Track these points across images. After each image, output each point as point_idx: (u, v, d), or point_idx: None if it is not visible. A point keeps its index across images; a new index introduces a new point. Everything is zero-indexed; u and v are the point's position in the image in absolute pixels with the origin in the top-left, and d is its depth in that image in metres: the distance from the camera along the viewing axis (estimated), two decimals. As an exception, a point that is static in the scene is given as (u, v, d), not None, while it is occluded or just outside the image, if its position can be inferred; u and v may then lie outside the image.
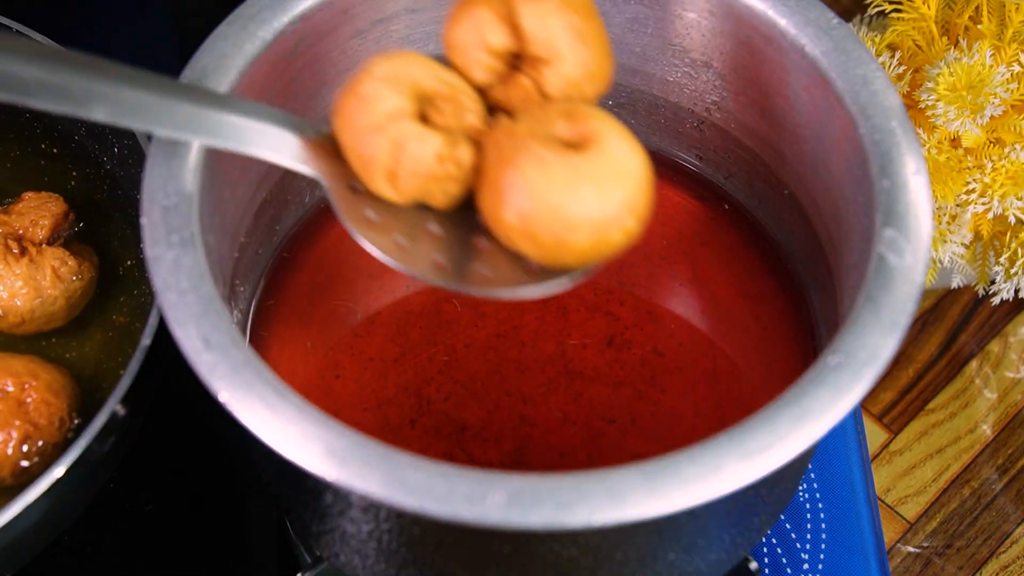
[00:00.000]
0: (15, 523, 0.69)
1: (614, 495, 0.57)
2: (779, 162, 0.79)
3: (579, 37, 0.64)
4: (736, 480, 0.59)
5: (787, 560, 0.87)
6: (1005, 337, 1.13)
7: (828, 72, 0.72)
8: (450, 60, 0.66)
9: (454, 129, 0.63)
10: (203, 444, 0.92)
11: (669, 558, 0.68)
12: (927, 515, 1.04)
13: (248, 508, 0.91)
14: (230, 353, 0.62)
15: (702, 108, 0.82)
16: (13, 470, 0.75)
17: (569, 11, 0.64)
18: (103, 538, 0.87)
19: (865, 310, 0.63)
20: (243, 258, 0.77)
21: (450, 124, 0.63)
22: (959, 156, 1.01)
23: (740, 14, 0.75)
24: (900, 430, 1.08)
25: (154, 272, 0.64)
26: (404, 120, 0.62)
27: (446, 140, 0.63)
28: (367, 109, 0.63)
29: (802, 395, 0.61)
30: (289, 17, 0.74)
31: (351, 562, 0.71)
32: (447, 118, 0.63)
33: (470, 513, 0.57)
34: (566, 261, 0.62)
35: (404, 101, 0.63)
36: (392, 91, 0.62)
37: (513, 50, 0.65)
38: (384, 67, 0.63)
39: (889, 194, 0.67)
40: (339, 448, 0.59)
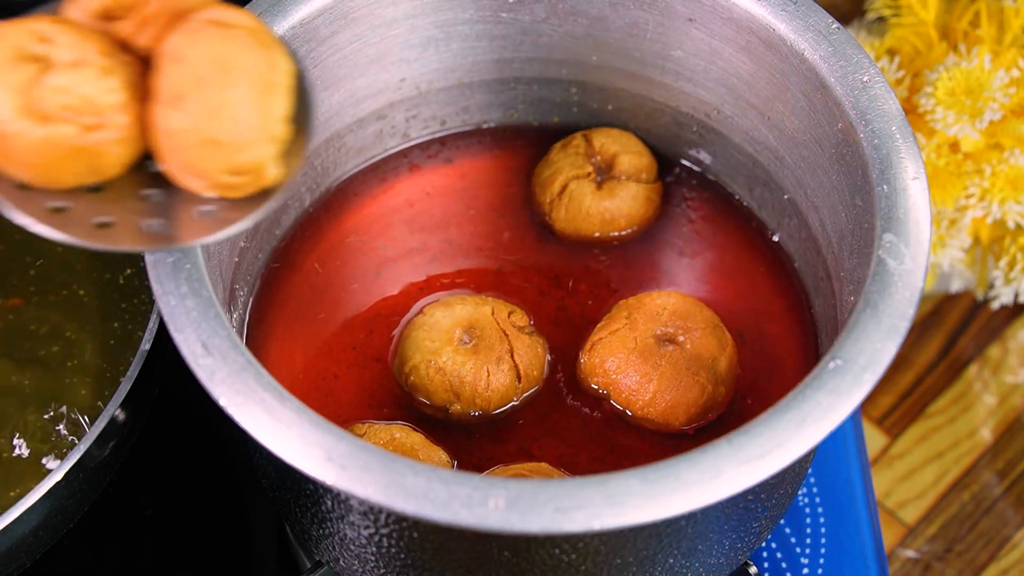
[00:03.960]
0: (15, 526, 0.69)
1: (614, 500, 0.57)
2: (779, 167, 0.79)
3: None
4: (735, 485, 0.59)
5: (787, 565, 0.87)
6: (1004, 342, 1.13)
7: (827, 77, 0.72)
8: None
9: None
10: (202, 448, 0.92)
11: (669, 563, 0.68)
12: (927, 519, 1.03)
13: (248, 513, 0.91)
14: (229, 357, 0.62)
15: (702, 113, 0.82)
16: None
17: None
18: (103, 542, 0.87)
19: (864, 315, 0.63)
20: (242, 262, 0.77)
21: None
22: (958, 161, 1.01)
23: (739, 19, 0.76)
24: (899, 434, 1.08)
25: (153, 277, 0.64)
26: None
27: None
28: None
29: (802, 399, 0.61)
30: (288, 22, 0.74)
31: (351, 567, 0.71)
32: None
33: (469, 518, 0.57)
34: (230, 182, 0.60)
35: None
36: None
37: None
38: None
39: (888, 199, 0.67)
40: (339, 453, 0.59)
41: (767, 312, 0.79)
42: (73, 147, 0.58)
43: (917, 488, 1.05)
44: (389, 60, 0.80)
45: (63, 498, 0.71)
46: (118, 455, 0.75)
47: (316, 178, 0.82)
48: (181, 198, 0.60)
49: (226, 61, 0.57)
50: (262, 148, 0.59)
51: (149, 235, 0.60)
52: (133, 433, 0.75)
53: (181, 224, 0.60)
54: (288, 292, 0.79)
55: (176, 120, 0.57)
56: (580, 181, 0.81)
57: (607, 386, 0.74)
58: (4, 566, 0.72)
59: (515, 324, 0.75)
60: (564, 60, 0.83)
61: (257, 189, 0.61)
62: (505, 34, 0.82)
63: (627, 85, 0.83)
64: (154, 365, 0.75)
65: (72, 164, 0.58)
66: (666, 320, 0.75)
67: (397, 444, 0.70)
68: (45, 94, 0.57)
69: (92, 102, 0.57)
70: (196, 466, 0.91)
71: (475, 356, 0.73)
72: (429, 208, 0.83)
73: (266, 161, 0.59)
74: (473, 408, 0.73)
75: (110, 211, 0.60)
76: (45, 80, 0.57)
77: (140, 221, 0.60)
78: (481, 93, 0.85)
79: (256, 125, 0.58)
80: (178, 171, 0.60)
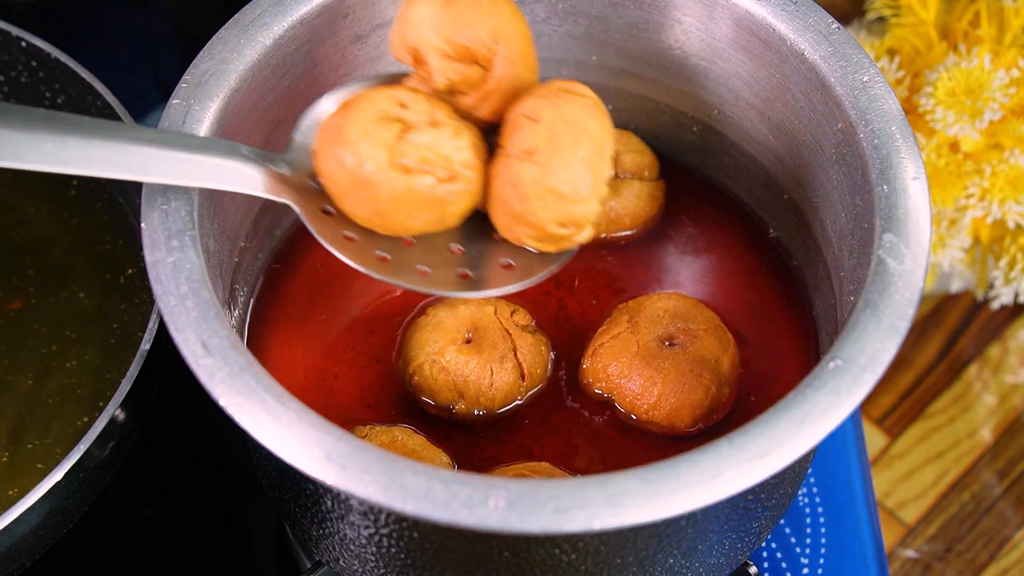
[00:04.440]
0: (15, 527, 0.69)
1: (614, 500, 0.57)
2: (779, 166, 0.79)
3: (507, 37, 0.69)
4: (735, 485, 0.59)
5: (787, 564, 0.87)
6: (1004, 342, 1.13)
7: (827, 77, 0.72)
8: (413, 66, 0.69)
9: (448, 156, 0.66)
10: (202, 449, 0.92)
11: (669, 563, 0.68)
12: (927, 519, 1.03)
13: (248, 513, 0.91)
14: (229, 357, 0.62)
15: (702, 113, 0.82)
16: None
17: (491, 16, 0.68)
18: (103, 542, 0.87)
19: (865, 315, 0.63)
20: (243, 262, 0.77)
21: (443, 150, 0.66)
22: (958, 161, 1.01)
23: (739, 19, 0.76)
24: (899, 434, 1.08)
25: (153, 277, 0.64)
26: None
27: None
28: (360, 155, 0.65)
29: (802, 399, 0.61)
30: (289, 21, 0.74)
31: (350, 567, 0.71)
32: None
33: (470, 517, 0.57)
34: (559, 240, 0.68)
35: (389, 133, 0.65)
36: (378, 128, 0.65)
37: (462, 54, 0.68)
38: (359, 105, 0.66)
39: (888, 199, 0.67)
40: (339, 453, 0.59)
41: (767, 312, 0.79)
42: (429, 197, 0.65)
43: (917, 488, 1.05)
44: (389, 60, 0.80)
45: (63, 498, 0.71)
46: (118, 455, 0.75)
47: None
48: (482, 252, 0.69)
49: (577, 124, 0.65)
50: (591, 205, 0.66)
51: (461, 282, 0.68)
52: (133, 433, 0.76)
53: (486, 274, 0.68)
54: (288, 292, 0.79)
55: (527, 171, 0.65)
56: None
57: (611, 391, 0.74)
58: (4, 566, 0.72)
59: (518, 323, 0.75)
60: (564, 60, 0.83)
61: (570, 245, 0.69)
62: (505, 34, 0.82)
63: (627, 85, 0.83)
64: (154, 365, 0.75)
65: (424, 212, 0.66)
66: (667, 322, 0.75)
67: (398, 446, 0.70)
68: (408, 149, 0.65)
69: (447, 158, 0.65)
70: (196, 466, 0.91)
71: (479, 355, 0.73)
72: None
73: (590, 217, 0.67)
74: (477, 407, 0.73)
75: (427, 261, 0.68)
76: (409, 137, 0.65)
77: (454, 269, 0.68)
78: (481, 93, 0.85)
79: (592, 184, 0.66)
80: (510, 220, 0.67)
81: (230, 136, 0.71)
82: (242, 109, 0.72)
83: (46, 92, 0.88)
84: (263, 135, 0.76)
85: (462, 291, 0.68)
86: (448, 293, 0.68)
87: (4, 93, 0.90)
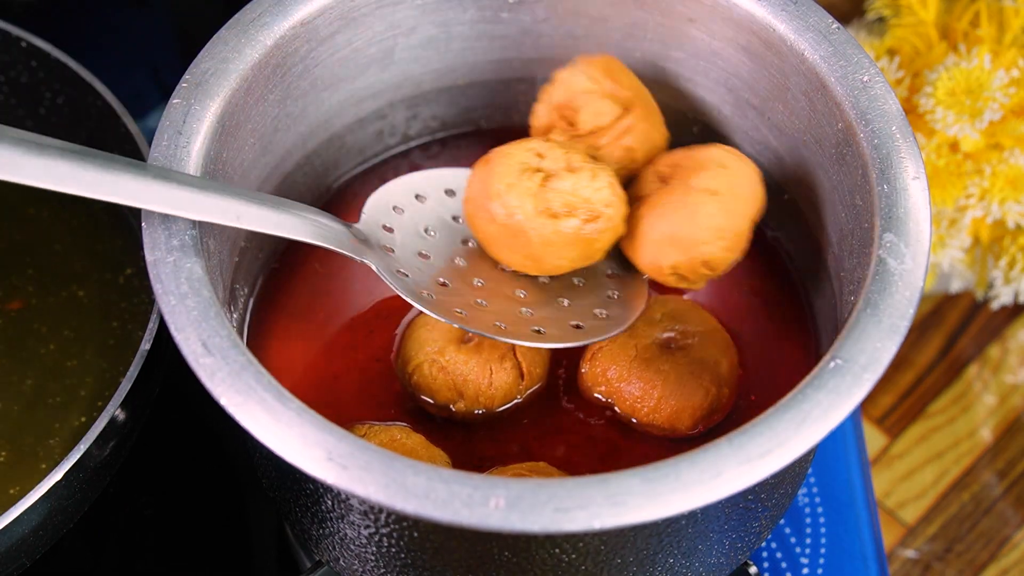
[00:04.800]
0: (15, 526, 0.69)
1: (614, 500, 0.57)
2: (779, 167, 0.79)
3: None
4: (735, 484, 0.59)
5: (787, 564, 0.87)
6: (1004, 342, 1.13)
7: (827, 77, 0.72)
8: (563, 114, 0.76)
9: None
10: (203, 448, 0.92)
11: (669, 562, 0.68)
12: (927, 519, 1.03)
13: (248, 512, 0.91)
14: (230, 357, 0.62)
15: (702, 113, 0.82)
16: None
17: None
18: (103, 542, 0.87)
19: (865, 314, 0.63)
20: (243, 262, 0.77)
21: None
22: (958, 161, 1.01)
23: (739, 19, 0.76)
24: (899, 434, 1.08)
25: (154, 276, 0.64)
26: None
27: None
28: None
29: (802, 399, 0.61)
30: (290, 22, 0.74)
31: (351, 566, 0.71)
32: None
33: (470, 517, 0.57)
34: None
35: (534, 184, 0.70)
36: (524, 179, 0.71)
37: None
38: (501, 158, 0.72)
39: (888, 199, 0.67)
40: (339, 452, 0.59)
41: (767, 312, 0.79)
42: (576, 237, 0.70)
43: (917, 488, 1.05)
44: (389, 60, 0.80)
45: (63, 498, 0.71)
46: (118, 455, 0.75)
47: (316, 178, 0.82)
48: (552, 315, 0.73)
49: (754, 185, 0.73)
50: (735, 258, 0.72)
51: (534, 335, 0.71)
52: (133, 433, 0.76)
53: (555, 332, 0.72)
54: (288, 292, 0.79)
55: (709, 206, 0.71)
56: None
57: (611, 395, 0.74)
58: (4, 566, 0.72)
59: None
60: (564, 60, 0.83)
61: (694, 287, 0.73)
62: (505, 34, 0.82)
63: (627, 85, 0.83)
64: (154, 365, 0.75)
65: (572, 251, 0.71)
66: (665, 325, 0.75)
67: (397, 445, 0.71)
68: (552, 196, 0.69)
69: (588, 200, 0.70)
70: (196, 466, 0.91)
71: (478, 355, 0.73)
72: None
73: (727, 267, 0.72)
74: (476, 406, 0.73)
75: (503, 319, 0.72)
76: (551, 185, 0.69)
77: (528, 327, 0.72)
78: (481, 93, 0.85)
79: (747, 240, 0.72)
80: (667, 246, 0.71)
81: (232, 136, 0.72)
82: (242, 109, 0.72)
83: (46, 92, 0.88)
84: (263, 136, 0.76)
85: (536, 342, 0.71)
86: (522, 342, 0.71)
87: (4, 93, 0.90)
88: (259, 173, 0.77)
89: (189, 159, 0.68)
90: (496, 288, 0.73)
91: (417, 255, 0.74)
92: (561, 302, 0.73)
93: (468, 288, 0.73)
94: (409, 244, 0.74)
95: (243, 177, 0.75)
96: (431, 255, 0.74)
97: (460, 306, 0.71)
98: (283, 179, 0.79)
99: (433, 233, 0.75)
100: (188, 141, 0.69)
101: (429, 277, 0.73)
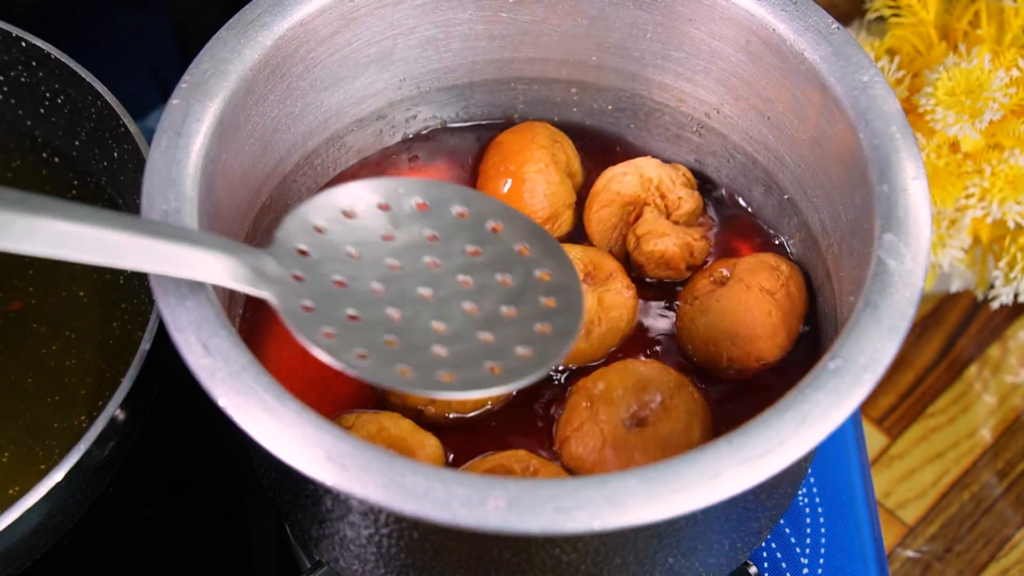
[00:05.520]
0: (15, 527, 0.69)
1: (614, 500, 0.57)
2: (778, 167, 0.79)
3: None
4: (735, 485, 0.59)
5: (787, 565, 0.87)
6: (1004, 342, 1.13)
7: (827, 77, 0.72)
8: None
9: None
10: (202, 449, 0.92)
11: (668, 563, 0.68)
12: (927, 519, 1.03)
13: (247, 513, 0.91)
14: (230, 358, 0.62)
15: (702, 113, 0.82)
16: None
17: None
18: (103, 542, 0.87)
19: (865, 315, 0.63)
20: (243, 262, 0.77)
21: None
22: (958, 161, 1.01)
23: (739, 19, 0.76)
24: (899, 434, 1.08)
25: (153, 277, 0.64)
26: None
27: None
28: None
29: (802, 399, 0.61)
30: (289, 22, 0.74)
31: (350, 567, 0.71)
32: None
33: (469, 518, 0.57)
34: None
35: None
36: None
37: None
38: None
39: (888, 199, 0.67)
40: (339, 453, 0.59)
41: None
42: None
43: (917, 488, 1.05)
44: (389, 60, 0.80)
45: (63, 498, 0.71)
46: (118, 455, 0.75)
47: (316, 178, 0.82)
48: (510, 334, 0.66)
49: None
50: (784, 353, 0.75)
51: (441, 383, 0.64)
52: (133, 433, 0.76)
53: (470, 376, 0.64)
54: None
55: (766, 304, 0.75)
56: None
57: (592, 471, 0.72)
58: (4, 566, 0.72)
59: None
60: (564, 60, 0.83)
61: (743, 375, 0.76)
62: (505, 34, 0.82)
63: (627, 85, 0.83)
64: (154, 365, 0.75)
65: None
66: (629, 400, 0.72)
67: (386, 433, 0.70)
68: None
69: None
70: (196, 466, 0.91)
71: None
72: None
73: (776, 360, 0.76)
74: (449, 410, 0.73)
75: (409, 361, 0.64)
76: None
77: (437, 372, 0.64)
78: (481, 93, 0.85)
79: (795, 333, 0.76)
80: (715, 347, 0.75)
81: (231, 136, 0.72)
82: (242, 110, 0.72)
83: (46, 92, 0.88)
84: (263, 136, 0.76)
85: (440, 390, 0.64)
86: (423, 392, 0.64)
87: (4, 93, 0.90)
88: (259, 173, 0.77)
89: (189, 160, 0.68)
90: (413, 319, 0.66)
91: (332, 283, 0.66)
92: (482, 336, 0.66)
93: (380, 322, 0.65)
94: (325, 270, 0.66)
95: (243, 178, 0.75)
96: (350, 281, 0.66)
97: (365, 345, 0.64)
98: (283, 179, 0.79)
99: (357, 255, 0.67)
100: (188, 142, 0.69)
101: (339, 310, 0.65)
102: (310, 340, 0.63)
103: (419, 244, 0.68)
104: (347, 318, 0.65)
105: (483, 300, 0.67)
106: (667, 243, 0.78)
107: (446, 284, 0.67)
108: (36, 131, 0.90)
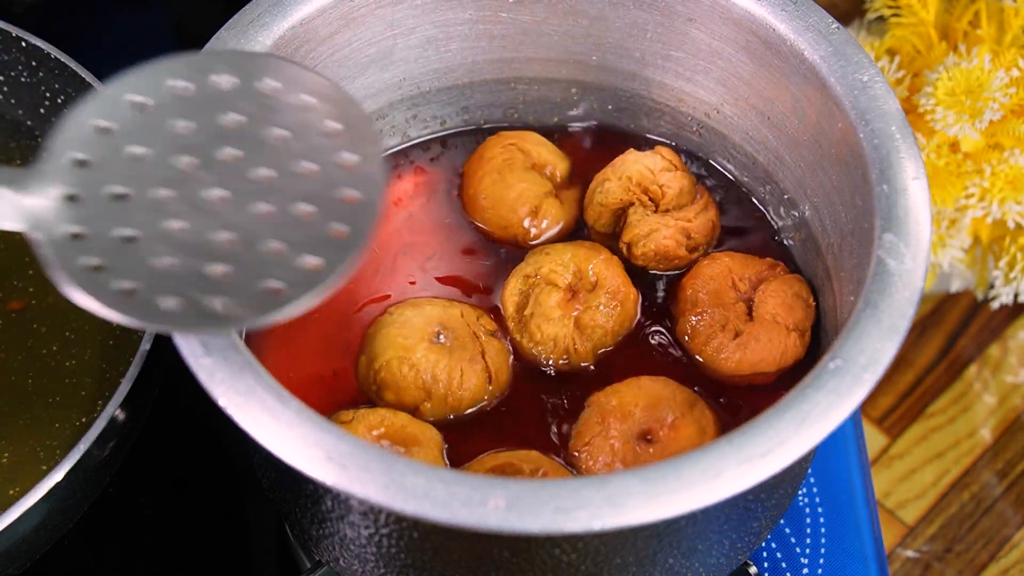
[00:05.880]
0: (15, 527, 0.69)
1: (614, 500, 0.57)
2: (778, 166, 0.79)
3: None
4: (735, 485, 0.59)
5: (787, 564, 0.87)
6: (1004, 341, 1.13)
7: (827, 77, 0.72)
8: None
9: None
10: (202, 449, 0.92)
11: (668, 562, 0.68)
12: (927, 519, 1.04)
13: (247, 513, 0.91)
14: (229, 357, 0.62)
15: (702, 113, 0.82)
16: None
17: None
18: (103, 542, 0.87)
19: (864, 314, 0.63)
20: (243, 262, 0.77)
21: None
22: (958, 161, 1.01)
23: (739, 19, 0.76)
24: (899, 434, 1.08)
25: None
26: None
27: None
28: None
29: (802, 399, 0.61)
30: (289, 22, 0.74)
31: (350, 567, 0.71)
32: None
33: (469, 517, 0.57)
34: None
35: None
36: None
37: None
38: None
39: (888, 199, 0.67)
40: (339, 453, 0.59)
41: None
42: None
43: (917, 488, 1.05)
44: (389, 60, 0.80)
45: (63, 498, 0.71)
46: (118, 455, 0.75)
47: (316, 178, 0.82)
48: (297, 239, 0.59)
49: None
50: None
51: (261, 304, 0.59)
52: (133, 433, 0.76)
53: (291, 279, 0.59)
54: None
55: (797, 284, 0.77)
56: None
57: None
58: (4, 566, 0.72)
59: (484, 327, 0.75)
60: (564, 60, 0.83)
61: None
62: (505, 34, 0.82)
63: (627, 85, 0.83)
64: (154, 365, 0.75)
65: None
66: (639, 417, 0.72)
67: (388, 422, 0.70)
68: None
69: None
70: (196, 466, 0.91)
71: (449, 355, 0.73)
72: (429, 208, 0.83)
73: None
74: (444, 408, 0.73)
75: (227, 288, 0.59)
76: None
77: (260, 282, 0.59)
78: (481, 93, 0.85)
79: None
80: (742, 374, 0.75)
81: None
82: (242, 109, 0.72)
83: (46, 92, 0.88)
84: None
85: (207, 325, 0.57)
86: (193, 330, 0.58)
87: (4, 93, 0.90)
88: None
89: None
90: (194, 234, 0.57)
91: (111, 197, 0.57)
92: (273, 246, 0.58)
93: (160, 238, 0.57)
94: (105, 181, 0.57)
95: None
96: (135, 190, 0.57)
97: (134, 275, 0.56)
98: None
99: (145, 157, 0.58)
100: (188, 141, 0.68)
101: (114, 231, 0.56)
102: (64, 277, 0.56)
103: (220, 134, 0.59)
104: (122, 240, 0.57)
105: (281, 197, 0.58)
106: (656, 240, 0.78)
107: (243, 182, 0.58)
108: (36, 131, 0.90)
